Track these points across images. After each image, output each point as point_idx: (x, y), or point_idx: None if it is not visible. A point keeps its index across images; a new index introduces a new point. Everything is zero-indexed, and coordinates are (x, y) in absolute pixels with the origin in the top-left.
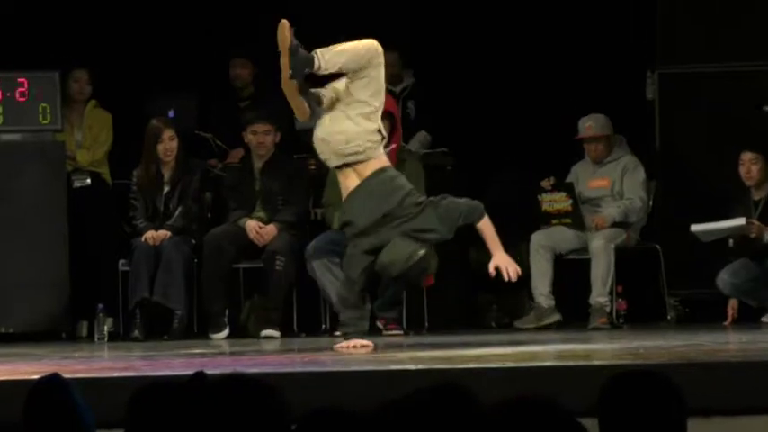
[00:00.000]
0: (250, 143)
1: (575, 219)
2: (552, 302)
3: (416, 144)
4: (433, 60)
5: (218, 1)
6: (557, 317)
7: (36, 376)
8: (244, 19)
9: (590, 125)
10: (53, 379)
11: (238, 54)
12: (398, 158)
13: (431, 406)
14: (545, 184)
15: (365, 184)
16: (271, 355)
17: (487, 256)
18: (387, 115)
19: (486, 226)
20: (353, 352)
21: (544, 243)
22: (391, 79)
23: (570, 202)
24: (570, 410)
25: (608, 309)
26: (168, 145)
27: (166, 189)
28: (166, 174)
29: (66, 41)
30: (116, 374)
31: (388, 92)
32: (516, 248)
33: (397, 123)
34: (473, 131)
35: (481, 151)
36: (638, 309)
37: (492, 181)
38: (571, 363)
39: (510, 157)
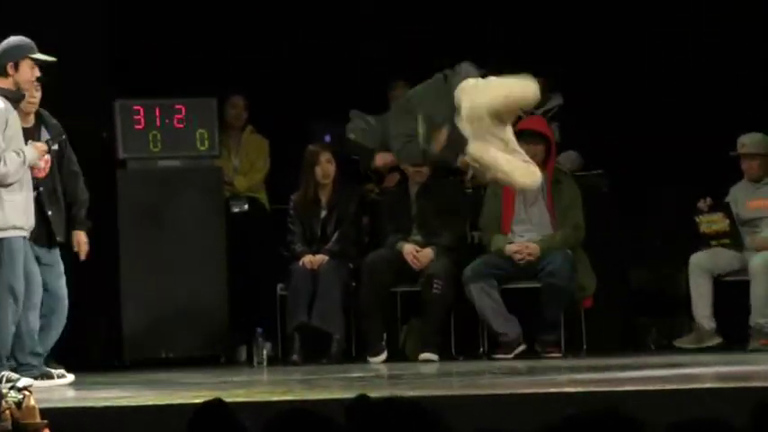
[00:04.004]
0: (406, 170)
1: (733, 239)
2: (714, 325)
3: (565, 163)
4: (584, 81)
5: (376, 30)
6: (718, 340)
7: (197, 401)
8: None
9: (745, 143)
10: (216, 404)
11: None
12: (554, 179)
13: (591, 430)
14: (701, 205)
15: None
16: (429, 378)
17: (648, 276)
18: (540, 137)
19: None
20: None
21: (704, 265)
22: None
23: (728, 222)
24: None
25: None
26: (326, 168)
27: (324, 213)
28: (324, 197)
29: (223, 68)
30: (274, 399)
31: (532, 113)
32: (676, 269)
33: (552, 144)
34: (628, 152)
35: (636, 172)
36: None
37: (649, 203)
38: (732, 385)
39: (666, 177)
